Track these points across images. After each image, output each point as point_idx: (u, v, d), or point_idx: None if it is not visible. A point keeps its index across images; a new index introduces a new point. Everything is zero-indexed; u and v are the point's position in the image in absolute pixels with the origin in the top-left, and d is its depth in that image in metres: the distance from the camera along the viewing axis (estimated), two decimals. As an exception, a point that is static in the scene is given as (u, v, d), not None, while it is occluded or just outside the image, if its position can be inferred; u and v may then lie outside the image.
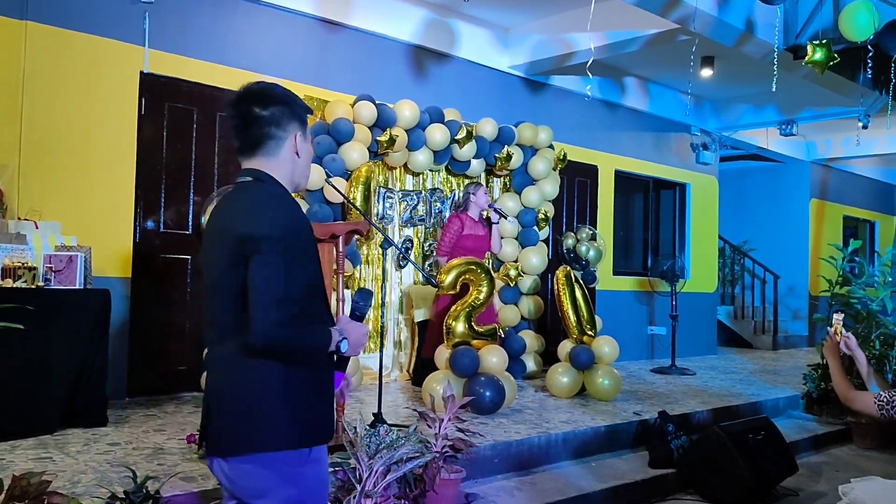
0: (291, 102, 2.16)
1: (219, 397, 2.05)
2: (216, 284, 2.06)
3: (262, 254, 1.93)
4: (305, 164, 2.22)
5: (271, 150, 2.13)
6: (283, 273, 1.94)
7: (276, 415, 1.99)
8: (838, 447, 6.59)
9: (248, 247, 1.95)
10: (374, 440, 3.54)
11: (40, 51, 5.31)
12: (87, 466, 3.79)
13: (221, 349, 2.06)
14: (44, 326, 4.36)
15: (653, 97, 9.91)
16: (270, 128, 2.11)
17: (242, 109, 2.10)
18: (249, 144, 2.13)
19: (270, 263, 1.93)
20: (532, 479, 4.68)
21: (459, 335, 5.59)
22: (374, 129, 6.36)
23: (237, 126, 2.12)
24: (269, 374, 1.99)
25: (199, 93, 6.07)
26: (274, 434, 1.99)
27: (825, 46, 6.14)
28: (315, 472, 2.09)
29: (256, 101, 2.10)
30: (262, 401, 1.99)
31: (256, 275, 1.93)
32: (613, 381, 6.38)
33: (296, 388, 2.02)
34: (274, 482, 2.01)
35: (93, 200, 5.52)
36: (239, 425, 2.00)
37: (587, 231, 8.47)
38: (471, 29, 7.80)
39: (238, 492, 2.06)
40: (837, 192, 14.12)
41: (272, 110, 2.10)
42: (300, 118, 2.17)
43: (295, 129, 2.16)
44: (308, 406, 2.05)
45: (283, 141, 2.13)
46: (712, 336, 11.18)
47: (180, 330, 5.98)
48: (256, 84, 2.16)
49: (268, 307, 1.91)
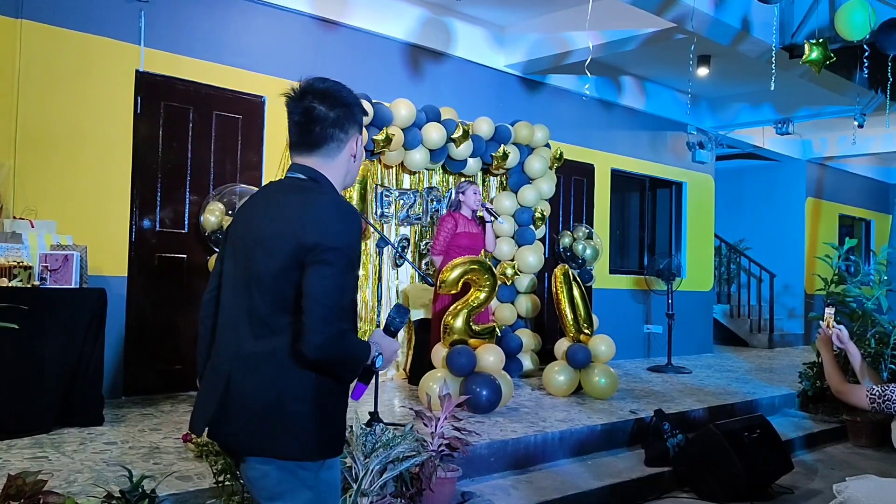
0: (355, 105, 2.12)
1: (243, 394, 1.99)
2: (262, 281, 1.98)
3: (328, 265, 1.89)
4: (358, 166, 2.20)
5: (332, 152, 2.10)
6: (343, 285, 1.92)
7: (305, 423, 1.96)
8: (833, 445, 6.61)
9: (313, 255, 1.90)
10: (371, 439, 3.54)
11: (35, 49, 5.30)
12: (83, 465, 3.78)
13: (254, 347, 1.99)
14: (40, 325, 4.36)
15: (649, 96, 9.92)
16: (334, 129, 2.07)
17: (307, 106, 2.06)
18: (309, 143, 2.08)
19: (333, 275, 1.90)
20: (528, 477, 4.69)
21: (458, 332, 5.59)
22: (370, 128, 6.35)
23: (298, 122, 2.08)
24: (302, 380, 1.95)
25: (194, 91, 6.06)
26: (300, 442, 1.96)
27: (822, 45, 6.15)
28: (330, 478, 2.07)
29: (323, 99, 2.06)
30: (292, 406, 1.95)
31: (317, 284, 1.89)
32: (610, 380, 6.39)
33: (325, 397, 1.99)
34: (291, 486, 1.98)
35: (89, 199, 5.51)
36: (263, 427, 1.96)
37: (584, 230, 8.48)
38: (467, 27, 7.80)
39: (254, 491, 2.05)
40: (833, 191, 14.14)
41: (338, 112, 2.07)
42: (360, 121, 2.15)
43: (355, 133, 2.13)
44: (334, 416, 2.03)
45: (343, 144, 2.11)
46: (708, 334, 11.19)
47: (176, 329, 5.98)
48: (323, 81, 2.10)
49: (327, 319, 1.87)
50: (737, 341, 12.63)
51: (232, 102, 6.25)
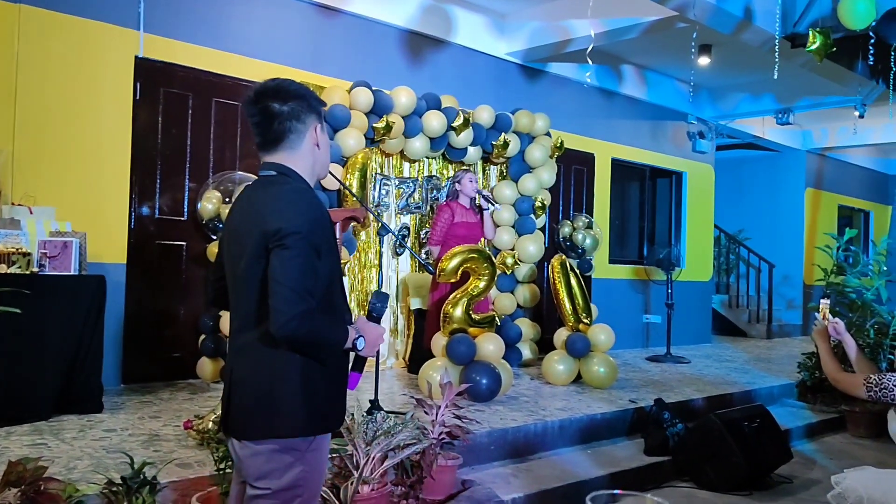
0: (308, 96, 2.22)
1: (240, 383, 2.13)
2: (241, 276, 2.12)
3: (287, 248, 1.99)
4: (325, 155, 2.29)
5: (293, 144, 2.19)
6: (305, 267, 2.00)
7: (293, 402, 2.07)
8: (832, 435, 6.62)
9: (274, 240, 2.00)
10: (372, 427, 3.53)
11: (34, 35, 5.26)
12: (82, 452, 3.78)
13: (243, 338, 2.15)
14: (39, 312, 4.34)
15: (650, 85, 9.89)
16: (291, 122, 2.17)
17: (261, 107, 2.15)
18: (271, 140, 2.18)
19: (293, 257, 1.98)
20: (528, 465, 4.69)
21: (457, 321, 5.59)
22: (370, 116, 6.32)
23: (258, 123, 2.18)
24: (287, 363, 2.07)
25: (194, 78, 6.03)
26: (290, 420, 2.08)
27: (824, 34, 6.12)
28: (315, 459, 2.16)
29: (275, 97, 2.15)
30: (280, 388, 2.07)
31: (278, 267, 1.98)
32: (609, 369, 6.39)
33: (311, 377, 2.10)
34: (279, 465, 2.09)
35: (88, 186, 5.49)
36: (257, 410, 2.09)
37: (583, 219, 8.47)
38: (468, 15, 7.76)
39: (245, 472, 2.15)
40: (833, 182, 14.13)
41: (291, 105, 2.16)
42: (317, 111, 2.24)
43: (314, 122, 2.22)
44: (322, 395, 2.13)
45: (303, 134, 2.20)
46: (707, 325, 11.20)
47: (175, 316, 5.97)
48: (272, 81, 2.21)
49: (289, 299, 1.95)
50: (735, 331, 12.64)
51: (232, 89, 6.22)
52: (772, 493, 4.94)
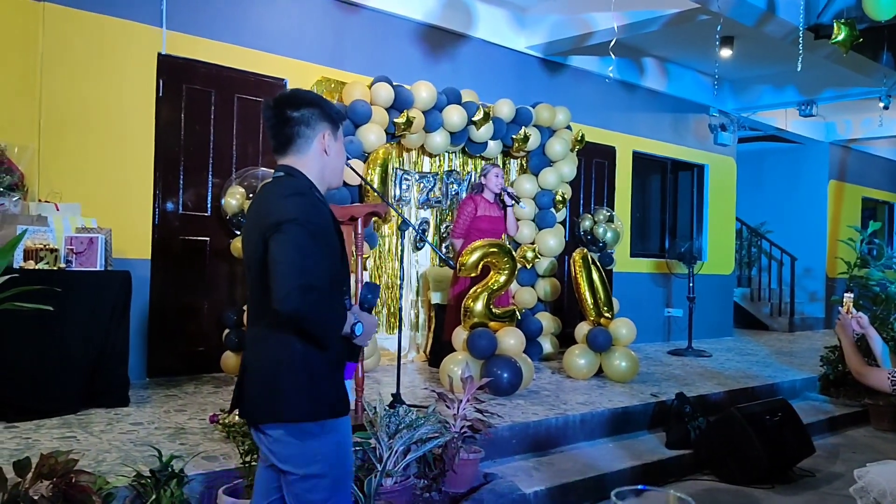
0: (321, 104, 2.35)
1: (250, 371, 2.27)
2: (250, 270, 2.26)
3: (283, 233, 2.10)
4: (337, 162, 2.40)
5: (301, 148, 2.31)
6: (303, 249, 2.10)
7: (295, 388, 2.18)
8: (855, 429, 6.58)
9: (272, 230, 2.13)
10: (394, 420, 3.57)
11: (58, 33, 5.32)
12: (110, 445, 3.84)
13: (253, 328, 2.30)
14: (66, 308, 4.40)
15: (671, 78, 9.83)
16: (300, 127, 2.30)
17: (277, 112, 2.30)
18: (282, 143, 2.32)
19: (289, 240, 2.10)
20: (550, 459, 4.71)
21: (478, 315, 5.60)
22: (391, 111, 6.34)
23: (272, 127, 2.32)
24: (290, 351, 2.18)
25: (216, 74, 6.07)
26: (294, 405, 2.18)
27: (849, 25, 6.05)
28: (332, 443, 2.24)
29: (288, 103, 2.30)
30: (283, 375, 2.19)
31: (275, 249, 2.11)
32: (630, 363, 6.39)
33: (314, 364, 2.20)
34: (296, 450, 2.21)
35: (112, 182, 5.56)
36: (263, 396, 2.22)
37: (604, 213, 8.44)
38: (487, 9, 7.75)
39: (272, 456, 2.26)
40: (856, 174, 13.97)
41: (302, 111, 2.29)
42: (330, 119, 2.35)
43: (324, 129, 2.33)
44: (325, 381, 2.23)
45: (311, 139, 2.32)
46: (728, 318, 11.15)
47: (199, 311, 6.03)
48: (291, 90, 2.43)
49: (287, 274, 2.06)
50: (757, 325, 12.55)
51: (253, 85, 6.26)
52: (794, 486, 4.93)
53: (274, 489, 2.34)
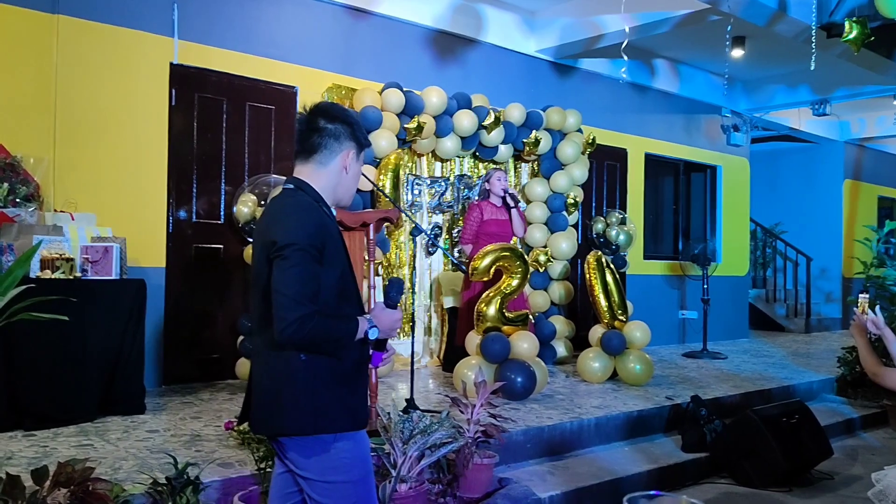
0: (354, 125, 2.38)
1: (256, 383, 2.29)
2: (255, 282, 2.29)
3: (285, 259, 2.12)
4: (352, 182, 2.42)
5: (324, 159, 2.34)
6: (303, 275, 2.11)
7: (296, 403, 2.18)
8: (874, 430, 6.53)
9: (274, 251, 2.15)
10: (408, 426, 3.56)
11: (72, 44, 5.37)
12: (127, 453, 3.86)
13: (256, 340, 2.32)
14: (82, 316, 4.43)
15: (683, 79, 9.80)
16: (329, 139, 2.33)
17: (311, 119, 2.34)
18: (306, 150, 2.34)
19: (290, 266, 2.11)
20: (565, 463, 4.70)
21: (491, 319, 5.60)
22: (401, 117, 6.36)
23: (301, 132, 2.35)
24: (291, 366, 2.19)
25: (227, 83, 6.11)
26: (295, 418, 2.19)
27: (860, 23, 6.01)
28: (347, 448, 2.24)
29: (324, 114, 2.34)
30: (285, 390, 2.19)
31: (277, 276, 2.12)
32: (645, 366, 6.36)
33: (318, 378, 2.20)
34: (309, 460, 2.22)
35: (126, 191, 5.60)
36: (266, 408, 2.24)
37: (617, 215, 8.42)
38: (497, 13, 7.76)
39: (290, 466, 2.28)
40: (872, 173, 13.86)
41: (336, 125, 2.33)
42: (358, 141, 2.39)
43: (350, 148, 2.36)
44: (322, 392, 2.21)
45: (335, 154, 2.34)
46: (744, 320, 11.08)
47: (214, 318, 6.06)
48: (330, 102, 2.45)
49: (287, 306, 2.08)
50: (773, 326, 12.47)
51: (265, 93, 6.30)
52: (812, 489, 4.89)
53: (290, 494, 2.35)
